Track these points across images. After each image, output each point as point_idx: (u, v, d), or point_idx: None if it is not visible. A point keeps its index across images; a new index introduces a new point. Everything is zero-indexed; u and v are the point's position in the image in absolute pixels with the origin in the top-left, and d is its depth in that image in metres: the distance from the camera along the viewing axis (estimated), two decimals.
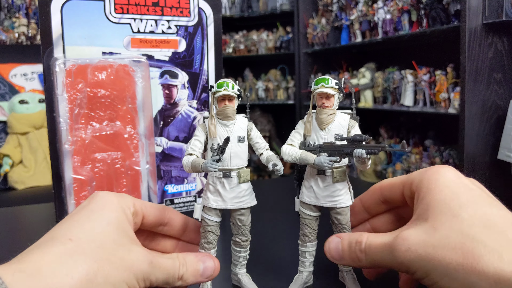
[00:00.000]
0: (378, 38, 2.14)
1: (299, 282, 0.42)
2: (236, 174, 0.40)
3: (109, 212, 0.35)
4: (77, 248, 0.31)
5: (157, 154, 0.65)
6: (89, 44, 0.60)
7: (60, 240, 0.31)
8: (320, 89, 0.40)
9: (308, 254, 0.42)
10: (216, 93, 0.39)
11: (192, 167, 0.38)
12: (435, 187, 0.35)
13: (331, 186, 0.41)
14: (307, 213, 0.42)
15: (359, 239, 0.36)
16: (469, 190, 0.35)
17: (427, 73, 1.91)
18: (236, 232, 0.41)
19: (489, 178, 1.68)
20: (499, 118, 1.66)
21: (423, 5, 1.83)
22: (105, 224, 0.34)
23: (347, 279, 0.42)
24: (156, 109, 0.65)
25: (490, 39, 1.60)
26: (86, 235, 0.32)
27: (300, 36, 2.78)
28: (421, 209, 0.35)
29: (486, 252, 0.30)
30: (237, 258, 0.42)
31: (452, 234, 0.32)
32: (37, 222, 0.70)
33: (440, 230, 0.32)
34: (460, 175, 0.37)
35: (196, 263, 0.37)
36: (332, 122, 0.41)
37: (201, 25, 0.67)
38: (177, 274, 0.35)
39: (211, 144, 0.40)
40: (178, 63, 0.66)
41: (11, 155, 2.26)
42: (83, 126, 0.58)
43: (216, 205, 0.40)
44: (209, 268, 0.37)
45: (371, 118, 2.54)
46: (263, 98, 3.14)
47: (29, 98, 2.35)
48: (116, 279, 0.32)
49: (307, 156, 0.39)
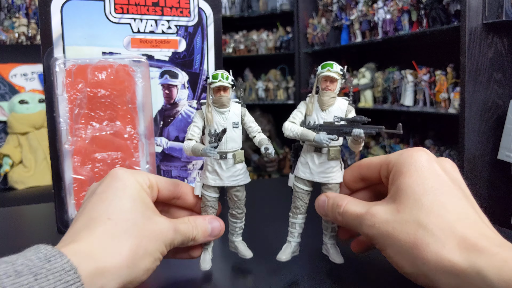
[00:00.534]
0: (378, 38, 2.14)
1: (288, 251, 0.45)
2: (231, 156, 0.44)
3: (131, 189, 0.38)
4: (117, 227, 0.35)
5: (157, 154, 0.65)
6: (89, 44, 0.60)
7: (100, 219, 0.35)
8: (326, 73, 0.43)
9: (297, 225, 0.46)
10: (212, 83, 0.43)
11: (192, 152, 0.43)
12: (406, 171, 0.38)
13: (325, 163, 0.44)
14: (300, 187, 0.45)
15: (339, 203, 0.41)
16: (435, 176, 0.37)
17: (427, 73, 1.91)
18: (233, 206, 0.46)
19: (489, 178, 1.68)
20: (499, 118, 1.66)
21: (423, 5, 1.83)
22: (132, 201, 0.37)
23: (331, 251, 0.45)
24: (156, 109, 0.65)
25: (490, 39, 1.60)
26: (120, 214, 0.36)
27: (300, 36, 2.78)
28: (393, 190, 0.38)
29: (433, 241, 0.33)
30: (233, 228, 0.47)
31: (410, 219, 0.35)
32: (37, 222, 0.70)
33: (401, 213, 0.36)
34: (432, 160, 0.38)
35: (205, 224, 0.42)
36: (332, 105, 0.44)
37: (201, 25, 0.67)
38: (191, 236, 0.41)
39: (208, 129, 0.44)
40: (178, 63, 0.66)
41: (11, 155, 2.26)
42: (83, 126, 0.58)
43: (215, 183, 0.44)
44: (216, 228, 0.43)
45: (371, 118, 2.53)
46: (263, 98, 3.14)
47: (29, 98, 2.35)
48: (152, 250, 0.36)
49: (307, 133, 0.42)
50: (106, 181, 0.39)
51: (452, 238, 0.33)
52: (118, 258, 0.34)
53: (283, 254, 0.45)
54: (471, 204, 0.36)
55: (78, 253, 0.32)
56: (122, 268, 0.34)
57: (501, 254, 0.31)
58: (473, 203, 0.37)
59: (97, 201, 0.37)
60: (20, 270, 0.28)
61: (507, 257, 0.30)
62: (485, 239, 0.33)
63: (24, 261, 0.29)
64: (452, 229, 0.34)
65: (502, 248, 0.32)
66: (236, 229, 0.47)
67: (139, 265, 0.35)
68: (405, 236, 0.35)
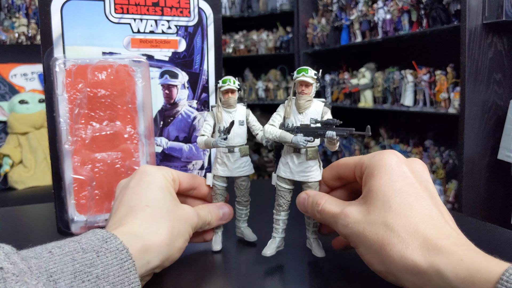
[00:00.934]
0: (378, 38, 2.14)
1: (272, 246, 0.48)
2: (238, 150, 0.51)
3: (160, 181, 0.45)
4: (154, 213, 0.41)
5: (157, 154, 0.65)
6: (89, 44, 0.60)
7: (139, 207, 0.41)
8: (301, 78, 0.45)
9: (281, 222, 0.49)
10: (221, 87, 0.50)
11: (205, 144, 0.50)
12: (377, 173, 0.40)
13: (304, 163, 0.46)
14: (282, 186, 0.48)
15: (318, 201, 0.44)
16: (404, 178, 0.39)
17: (427, 73, 1.91)
18: (239, 194, 0.53)
19: (489, 178, 1.68)
20: (499, 118, 1.66)
21: (423, 5, 1.83)
22: (162, 192, 0.44)
23: (313, 245, 0.48)
24: (156, 109, 0.65)
25: (490, 39, 1.60)
26: (156, 201, 0.42)
27: (300, 36, 2.78)
28: (365, 191, 0.40)
29: (398, 241, 0.35)
30: (240, 214, 0.54)
31: (378, 220, 0.37)
32: (37, 222, 0.70)
33: (371, 214, 0.38)
34: (401, 162, 0.40)
35: (218, 210, 0.50)
36: (309, 108, 0.46)
37: (201, 25, 0.67)
38: (207, 220, 0.48)
39: (218, 127, 0.51)
40: (178, 63, 0.66)
41: (11, 155, 2.26)
42: (83, 126, 0.58)
43: (223, 174, 0.51)
44: (227, 213, 0.50)
45: (371, 118, 2.54)
46: (263, 98, 3.14)
47: (29, 98, 2.35)
48: (183, 231, 0.43)
49: (286, 135, 0.45)
50: (136, 176, 0.45)
51: (416, 238, 0.35)
52: (160, 238, 0.40)
53: (268, 249, 0.48)
54: (435, 204, 0.38)
55: (127, 234, 0.37)
56: (163, 246, 0.40)
57: (458, 253, 0.32)
58: (438, 203, 0.39)
59: (133, 193, 0.43)
60: (85, 248, 0.34)
61: (463, 256, 0.32)
62: (446, 239, 0.34)
63: (87, 241, 0.35)
64: (416, 230, 0.35)
65: (460, 247, 0.33)
66: (242, 215, 0.54)
67: (175, 244, 0.41)
68: (374, 236, 0.37)
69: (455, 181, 1.79)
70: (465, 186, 1.65)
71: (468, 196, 1.66)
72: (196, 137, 0.68)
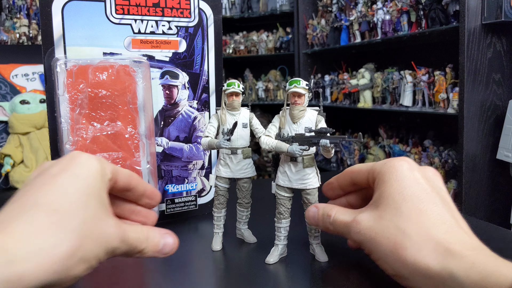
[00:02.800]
0: (378, 39, 2.15)
1: (275, 254, 0.48)
2: (241, 152, 0.52)
3: (92, 180, 0.34)
4: (62, 223, 0.30)
5: (157, 154, 0.66)
6: (90, 45, 0.60)
7: (44, 209, 0.30)
8: (293, 89, 0.47)
9: (282, 229, 0.49)
10: (226, 90, 0.52)
11: (209, 145, 0.50)
12: (388, 179, 0.40)
13: (301, 170, 0.48)
14: (282, 194, 0.49)
15: (329, 213, 0.44)
16: (415, 184, 0.39)
17: (426, 73, 1.92)
18: (241, 196, 0.53)
19: (489, 178, 1.68)
20: (498, 118, 1.66)
21: (422, 6, 1.83)
22: (88, 195, 0.33)
23: (316, 250, 0.49)
24: (156, 109, 0.65)
25: (489, 39, 1.60)
26: (71, 207, 0.31)
27: (300, 36, 2.78)
28: (376, 197, 0.41)
29: (410, 245, 0.35)
30: (241, 216, 0.54)
31: (390, 225, 0.37)
32: None
33: (383, 220, 0.38)
34: (413, 168, 0.40)
35: (158, 239, 0.38)
36: (303, 117, 0.48)
37: (202, 26, 0.67)
38: (139, 248, 0.36)
39: (222, 129, 0.52)
40: (178, 64, 0.66)
41: (12, 155, 2.25)
42: (84, 126, 0.58)
43: (226, 175, 0.52)
44: (169, 245, 0.39)
45: (370, 119, 2.54)
46: (263, 98, 3.14)
47: (30, 98, 2.34)
48: (91, 256, 0.32)
49: (281, 145, 0.47)
50: (64, 162, 0.34)
51: (428, 242, 0.35)
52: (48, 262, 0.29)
53: (271, 257, 0.48)
54: (448, 210, 0.38)
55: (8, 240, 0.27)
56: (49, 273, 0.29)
57: (471, 257, 0.33)
58: (451, 208, 0.39)
59: (48, 182, 0.32)
60: None
61: (475, 259, 0.32)
62: (458, 243, 0.35)
63: None
64: (429, 234, 0.36)
65: (473, 251, 0.34)
66: (243, 217, 0.54)
67: (70, 272, 0.30)
68: (386, 241, 0.37)
69: (454, 180, 1.79)
70: (465, 186, 1.65)
71: (467, 196, 1.66)
72: (196, 137, 0.69)
